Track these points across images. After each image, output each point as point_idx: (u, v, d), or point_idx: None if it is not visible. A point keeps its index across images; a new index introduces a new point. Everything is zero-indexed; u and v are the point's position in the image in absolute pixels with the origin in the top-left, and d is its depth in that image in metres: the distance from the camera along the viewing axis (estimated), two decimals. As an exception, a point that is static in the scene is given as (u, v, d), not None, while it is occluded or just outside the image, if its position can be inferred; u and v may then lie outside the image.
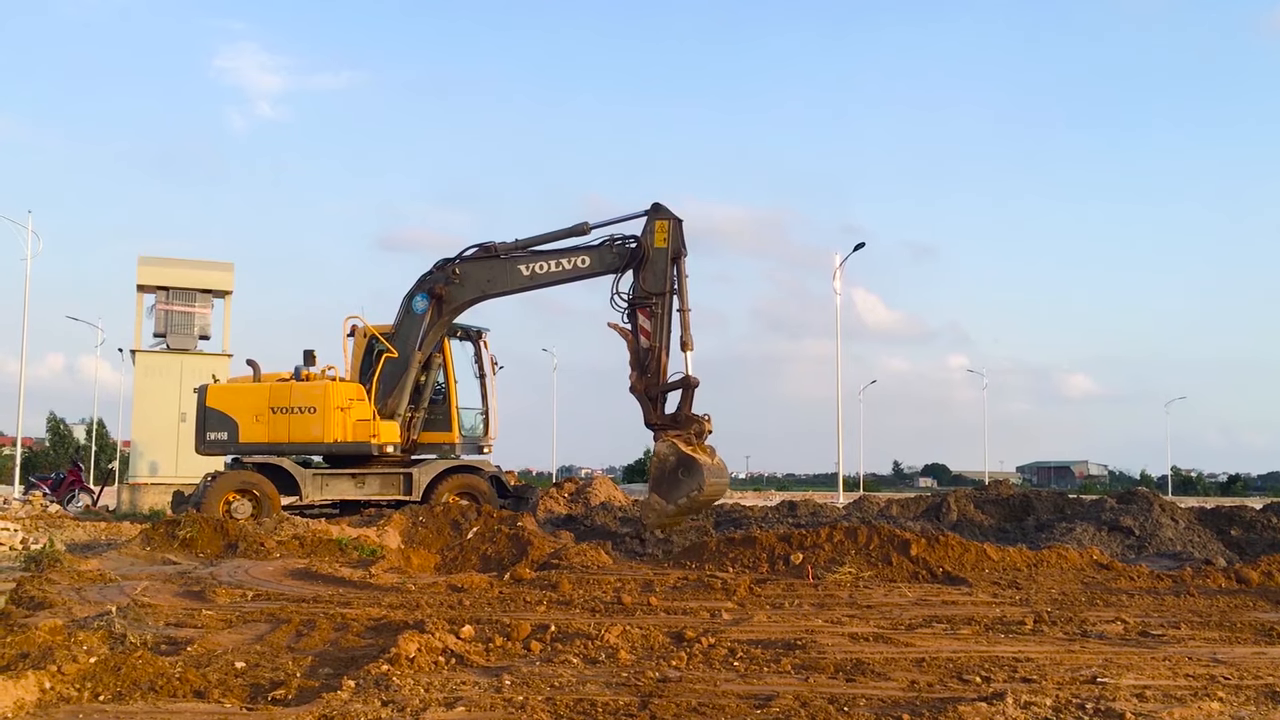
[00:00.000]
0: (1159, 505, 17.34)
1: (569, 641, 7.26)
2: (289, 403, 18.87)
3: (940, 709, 5.36)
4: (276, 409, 18.86)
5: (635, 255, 17.88)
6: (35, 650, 6.07)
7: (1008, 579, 11.66)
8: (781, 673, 6.46)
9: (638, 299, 17.77)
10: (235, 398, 19.14)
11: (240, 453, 19.12)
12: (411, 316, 18.93)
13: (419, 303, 18.88)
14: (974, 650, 7.34)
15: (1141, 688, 6.02)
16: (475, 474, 19.72)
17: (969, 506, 19.13)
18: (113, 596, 9.43)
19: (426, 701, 5.44)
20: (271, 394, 18.98)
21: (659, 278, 17.70)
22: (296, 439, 18.87)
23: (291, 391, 18.92)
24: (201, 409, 19.08)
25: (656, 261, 17.75)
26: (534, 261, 18.38)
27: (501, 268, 18.49)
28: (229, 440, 18.90)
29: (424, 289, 18.87)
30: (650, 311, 17.67)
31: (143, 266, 26.91)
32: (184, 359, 26.17)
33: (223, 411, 18.96)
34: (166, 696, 5.54)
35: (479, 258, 18.61)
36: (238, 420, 18.87)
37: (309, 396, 18.90)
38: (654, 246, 17.77)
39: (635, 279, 17.85)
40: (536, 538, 13.77)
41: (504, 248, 18.45)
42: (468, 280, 18.61)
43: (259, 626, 8.08)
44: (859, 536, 12.62)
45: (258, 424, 18.80)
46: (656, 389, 17.38)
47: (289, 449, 19.03)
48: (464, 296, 18.76)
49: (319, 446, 19.13)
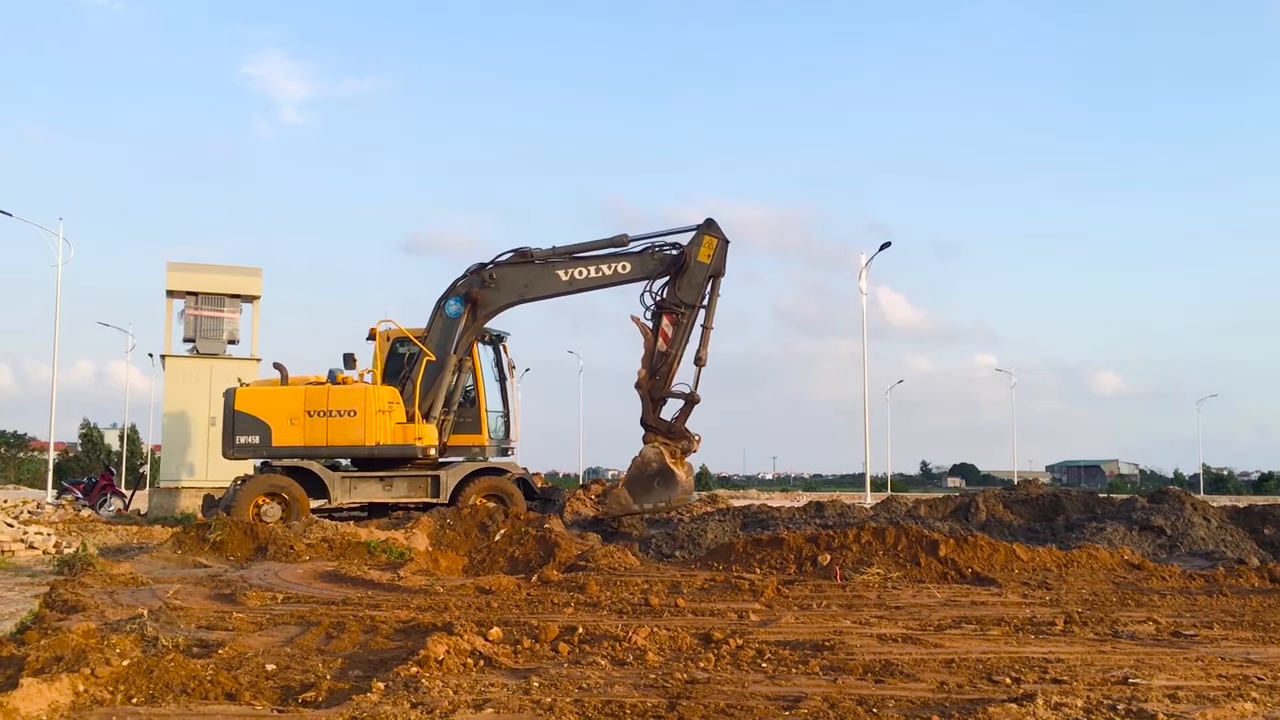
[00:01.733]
0: (1191, 504, 17.20)
1: (597, 643, 7.27)
2: (326, 406, 18.85)
3: (970, 710, 5.33)
4: (313, 412, 18.83)
5: (676, 262, 18.30)
6: (69, 653, 6.13)
7: (1037, 579, 11.59)
8: (810, 674, 6.45)
9: (667, 303, 18.18)
10: (267, 401, 19.06)
11: (273, 456, 19.02)
12: (445, 320, 19.09)
13: (452, 306, 19.05)
14: (1004, 651, 7.30)
15: (1174, 688, 5.97)
16: (502, 476, 19.77)
17: (998, 506, 19.02)
18: (145, 600, 9.51)
19: (455, 703, 5.46)
20: (307, 397, 18.92)
21: (694, 289, 18.18)
22: (335, 442, 18.87)
23: (329, 395, 18.94)
24: (230, 412, 18.98)
25: (695, 273, 18.18)
26: (573, 267, 18.69)
27: (539, 273, 18.78)
28: (261, 444, 18.80)
29: (458, 293, 19.07)
30: (676, 319, 18.14)
31: (172, 272, 27.13)
32: (213, 363, 26.35)
33: (253, 415, 18.85)
34: (198, 699, 5.59)
35: (515, 263, 18.88)
36: (270, 424, 18.80)
37: (349, 399, 18.93)
38: (696, 259, 18.20)
39: (670, 285, 18.27)
40: (564, 540, 13.79)
41: (540, 254, 18.74)
42: (504, 285, 18.87)
43: (289, 629, 8.14)
44: (887, 537, 12.57)
45: (292, 427, 18.76)
46: (661, 393, 17.96)
47: (327, 453, 19.00)
48: (500, 301, 19.01)
49: (360, 450, 19.08)
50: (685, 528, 16.39)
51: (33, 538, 15.22)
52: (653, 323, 18.41)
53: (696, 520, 17.99)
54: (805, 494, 59.27)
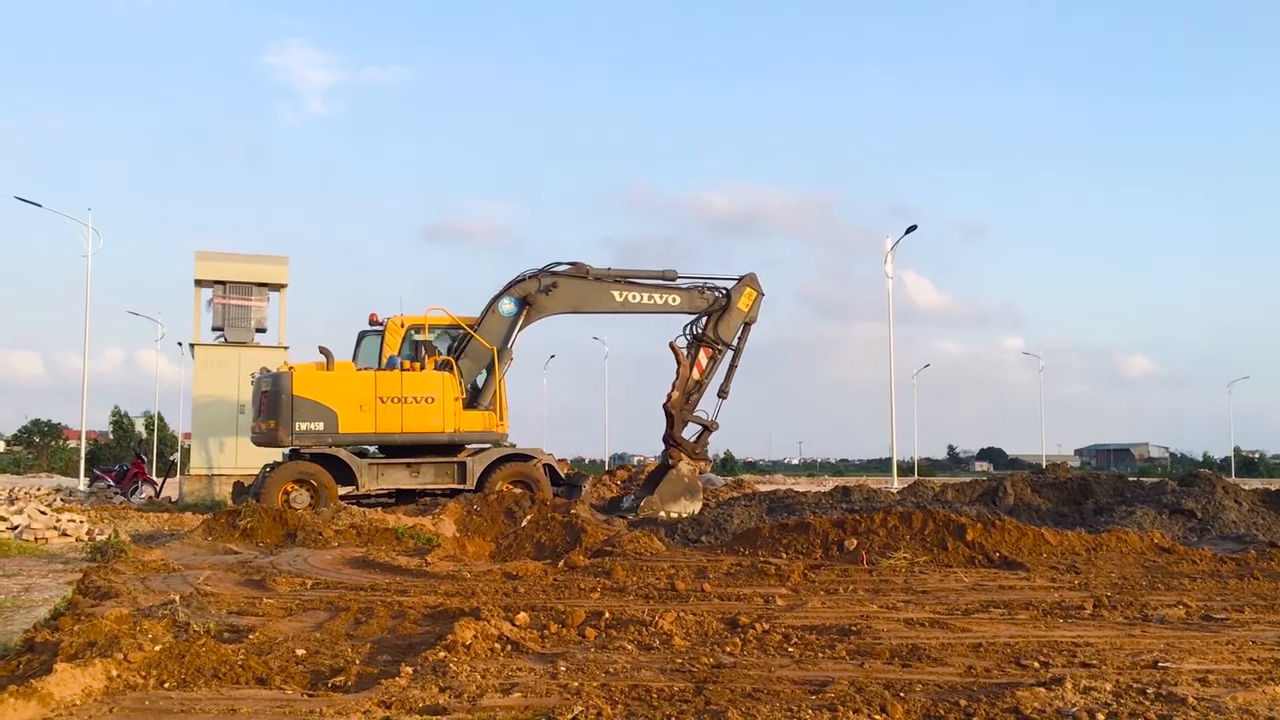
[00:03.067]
0: (1221, 487, 17.04)
1: (623, 628, 7.29)
2: (400, 392, 18.81)
3: (998, 694, 5.31)
4: (385, 399, 18.74)
5: (718, 303, 20.69)
6: (102, 639, 6.20)
7: (1066, 563, 11.53)
8: (836, 658, 6.44)
9: (707, 338, 20.65)
10: (333, 386, 18.73)
11: (340, 443, 18.83)
12: (497, 317, 19.88)
13: (507, 305, 19.92)
14: (1032, 635, 7.26)
15: (1204, 672, 5.93)
16: (529, 462, 19.85)
17: (1026, 490, 18.91)
18: (176, 586, 9.60)
19: (483, 688, 5.49)
20: (379, 382, 18.84)
21: (731, 330, 20.76)
22: (411, 429, 18.89)
23: (402, 381, 18.93)
24: (288, 397, 18.42)
25: (734, 316, 20.76)
26: (627, 290, 20.45)
27: (596, 290, 20.33)
28: (325, 430, 18.53)
29: (515, 294, 19.96)
30: (713, 354, 20.71)
31: (200, 261, 27.28)
32: (241, 352, 26.50)
33: (316, 400, 18.52)
34: (230, 683, 5.64)
35: (574, 275, 20.20)
36: (336, 410, 18.56)
37: (426, 385, 18.93)
38: (736, 305, 20.74)
39: (710, 323, 20.69)
40: (590, 525, 13.83)
41: (596, 271, 20.33)
42: (562, 294, 20.14)
43: (318, 614, 8.20)
44: (914, 521, 12.53)
45: (362, 413, 18.64)
46: (688, 416, 20.47)
47: (401, 439, 19.02)
48: (554, 308, 20.22)
49: (439, 436, 19.21)
50: (711, 513, 16.41)
51: (66, 525, 15.42)
52: (689, 352, 20.58)
53: (722, 505, 18.03)
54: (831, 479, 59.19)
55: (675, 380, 20.56)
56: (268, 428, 18.70)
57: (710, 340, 20.64)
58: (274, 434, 18.63)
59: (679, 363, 20.65)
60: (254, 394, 19.75)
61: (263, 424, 18.88)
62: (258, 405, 19.27)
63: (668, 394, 20.64)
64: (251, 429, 19.81)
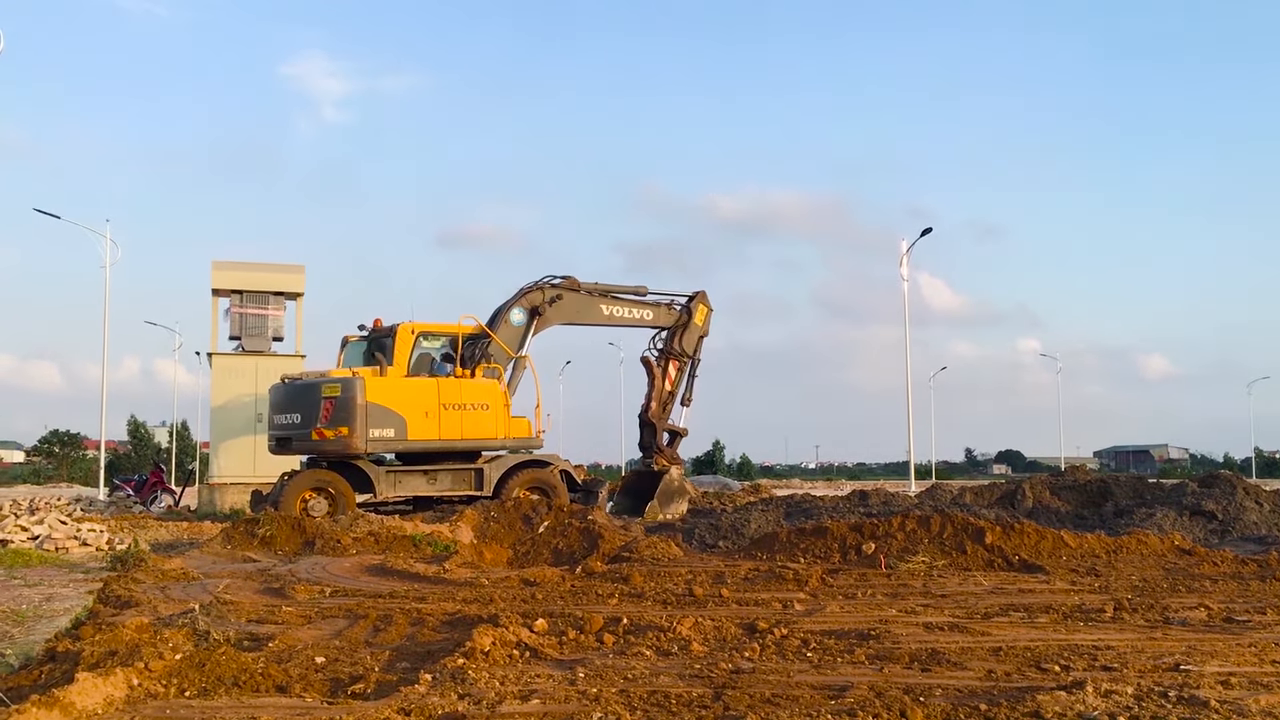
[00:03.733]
0: (1243, 488, 16.93)
1: (642, 634, 7.28)
2: (461, 399, 18.97)
3: (1018, 698, 5.29)
4: (449, 405, 18.88)
5: (681, 319, 23.10)
6: (123, 648, 6.23)
7: (1086, 566, 11.47)
8: (856, 663, 6.42)
9: (674, 351, 22.98)
10: (402, 392, 18.71)
11: (409, 450, 18.94)
12: (509, 327, 20.44)
13: (517, 315, 20.66)
14: (1052, 639, 7.23)
15: (1226, 675, 5.89)
16: (545, 469, 19.89)
17: (1045, 493, 18.83)
18: (196, 594, 9.64)
19: (502, 694, 5.49)
20: (441, 389, 18.95)
21: (694, 342, 23.25)
22: (470, 435, 19.18)
23: (461, 388, 19.08)
24: (360, 404, 18.06)
25: (694, 331, 23.23)
26: (612, 305, 22.23)
27: (589, 303, 21.83)
28: (396, 437, 18.52)
29: (524, 305, 20.76)
30: (680, 365, 23.07)
31: (217, 271, 27.40)
32: (259, 361, 26.59)
33: (387, 407, 18.44)
34: (250, 691, 5.66)
35: (570, 289, 21.41)
36: (405, 416, 18.56)
37: (483, 393, 19.24)
38: (695, 320, 23.18)
39: (675, 336, 23.03)
40: (607, 531, 13.83)
41: (586, 286, 21.83)
42: (564, 306, 21.27)
43: (337, 622, 8.22)
44: (932, 525, 12.49)
45: (427, 420, 18.72)
46: (663, 424, 22.82)
47: (461, 446, 19.29)
48: (557, 319, 21.24)
49: (492, 443, 19.63)
50: (729, 518, 16.38)
51: (86, 534, 15.48)
52: (660, 366, 22.91)
53: (740, 510, 17.99)
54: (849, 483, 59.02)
55: (651, 392, 22.86)
56: (339, 435, 18.15)
57: (677, 353, 23.01)
58: (347, 441, 18.14)
59: (652, 375, 22.93)
60: (288, 400, 19.20)
61: (330, 431, 18.19)
62: (315, 411, 18.39)
63: (645, 406, 22.94)
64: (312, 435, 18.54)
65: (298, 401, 18.90)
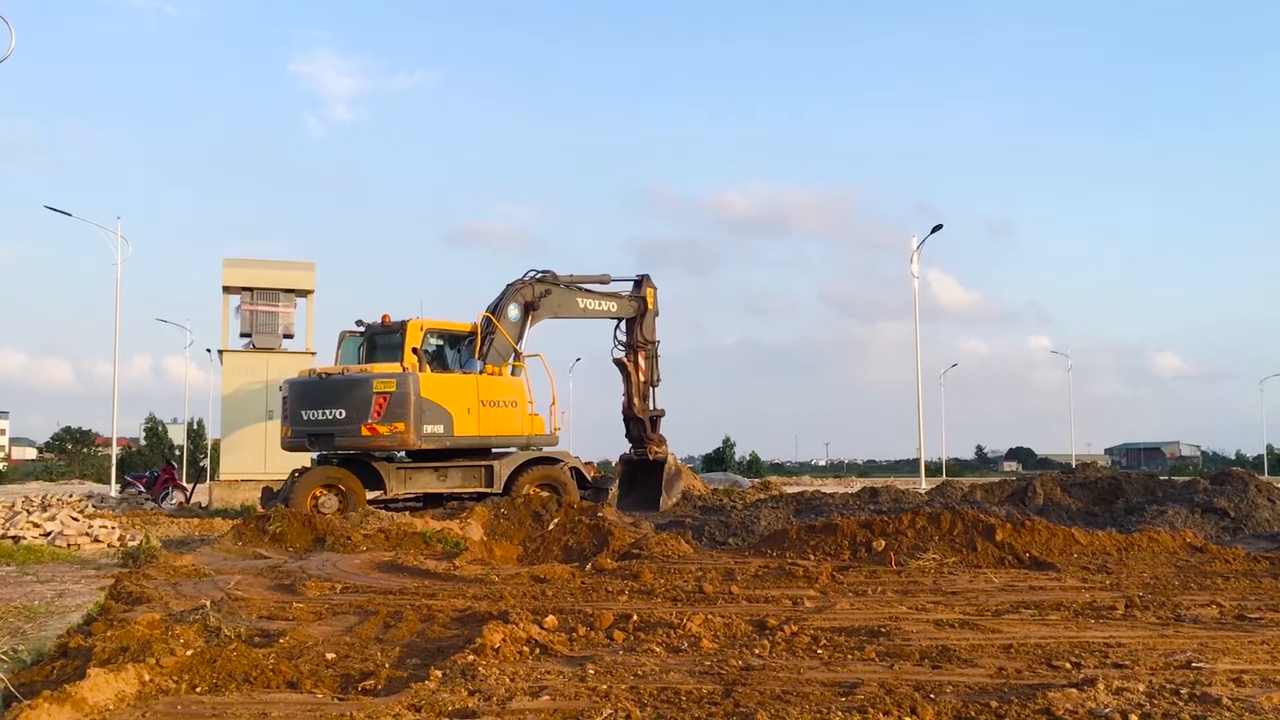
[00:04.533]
0: (1255, 485, 16.88)
1: (652, 631, 7.28)
2: (494, 396, 19.18)
3: (1029, 696, 5.27)
4: (486, 402, 19.07)
5: (639, 308, 23.24)
6: (134, 644, 6.25)
7: (1097, 563, 11.44)
8: (866, 660, 6.41)
9: (639, 342, 23.19)
10: (449, 389, 18.81)
11: (455, 446, 19.01)
12: (507, 323, 20.39)
13: (514, 311, 20.64)
14: (1063, 636, 7.21)
15: (1238, 672, 5.86)
16: (555, 466, 19.90)
17: (1055, 490, 18.78)
18: (207, 591, 9.67)
19: (512, 691, 5.50)
20: (480, 386, 19.08)
21: (652, 329, 23.55)
22: (502, 432, 19.42)
23: (494, 385, 19.23)
24: (415, 400, 18.05)
25: (650, 317, 23.46)
26: (586, 299, 22.36)
27: (568, 297, 21.95)
28: (445, 433, 18.58)
29: (518, 301, 20.79)
30: (648, 354, 23.35)
31: (228, 268, 27.46)
32: (269, 358, 26.65)
33: (438, 404, 18.50)
34: (261, 687, 5.67)
35: (553, 282, 21.57)
36: (452, 413, 18.65)
37: (512, 390, 19.48)
38: (649, 306, 23.40)
39: (636, 326, 23.22)
40: (617, 528, 13.83)
41: (563, 279, 21.88)
42: (552, 302, 21.37)
43: (348, 618, 8.23)
44: (942, 522, 12.46)
45: (469, 416, 18.86)
46: (648, 414, 23.07)
47: (496, 442, 19.58)
48: (546, 314, 21.27)
49: (519, 439, 19.87)
50: (738, 515, 16.38)
51: (98, 531, 15.55)
52: (631, 361, 23.17)
53: (750, 507, 17.99)
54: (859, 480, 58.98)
55: (630, 389, 23.15)
56: (394, 430, 17.98)
57: (642, 344, 23.32)
58: (402, 437, 18.05)
59: (628, 373, 23.20)
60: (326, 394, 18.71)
61: (385, 426, 17.98)
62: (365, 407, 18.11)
63: (628, 403, 23.20)
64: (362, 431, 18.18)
65: (342, 397, 18.43)
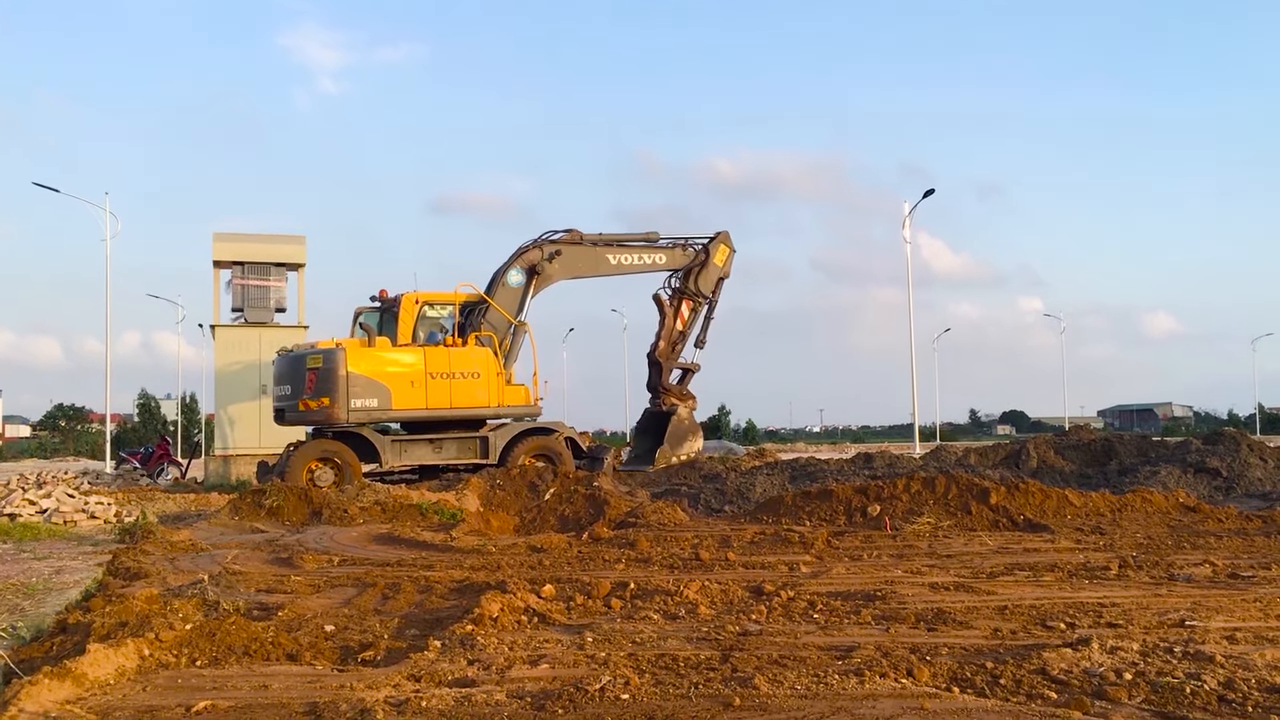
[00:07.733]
0: (1247, 445, 16.97)
1: (649, 598, 7.32)
2: (449, 368, 18.85)
3: (1024, 656, 5.31)
4: (435, 374, 18.75)
5: (698, 259, 22.67)
6: (133, 619, 6.26)
7: (1091, 525, 11.50)
8: (862, 624, 6.45)
9: (688, 291, 22.66)
10: (385, 362, 18.64)
11: (394, 420, 18.91)
12: (507, 289, 20.32)
13: (515, 276, 20.45)
14: (1057, 597, 7.26)
15: (1232, 630, 5.91)
16: (550, 436, 19.91)
17: (1049, 453, 18.85)
18: (205, 565, 9.68)
19: (511, 660, 5.53)
20: (428, 359, 18.81)
21: (710, 283, 22.80)
22: (459, 404, 19.03)
23: (449, 356, 18.95)
24: (342, 374, 18.04)
25: (712, 271, 22.82)
26: (619, 254, 21.93)
27: (593, 255, 21.52)
28: (380, 406, 18.41)
29: (522, 264, 20.54)
30: (695, 305, 22.77)
31: (218, 243, 27.28)
32: (262, 332, 26.52)
33: (370, 377, 18.33)
34: (260, 660, 5.69)
35: (572, 243, 21.17)
36: (390, 386, 18.47)
37: (472, 362, 19.07)
38: (714, 260, 22.78)
39: (690, 277, 22.64)
40: (613, 497, 13.87)
41: (590, 237, 21.54)
42: (565, 261, 20.96)
43: (346, 591, 8.26)
44: (937, 486, 12.51)
45: (414, 389, 18.64)
46: (672, 363, 22.65)
47: (450, 415, 19.12)
48: (559, 275, 20.96)
49: (485, 411, 19.47)
50: (734, 482, 16.43)
51: (94, 507, 15.54)
52: (672, 304, 22.61)
53: (745, 474, 18.04)
54: (853, 446, 59.08)
55: (660, 331, 22.60)
56: (321, 405, 18.20)
57: (692, 293, 22.66)
58: (329, 411, 18.19)
59: (662, 314, 22.56)
60: (282, 372, 19.32)
61: (314, 402, 18.25)
62: (302, 383, 18.51)
63: (654, 344, 22.68)
64: (299, 406, 18.64)
65: (289, 373, 19.04)
